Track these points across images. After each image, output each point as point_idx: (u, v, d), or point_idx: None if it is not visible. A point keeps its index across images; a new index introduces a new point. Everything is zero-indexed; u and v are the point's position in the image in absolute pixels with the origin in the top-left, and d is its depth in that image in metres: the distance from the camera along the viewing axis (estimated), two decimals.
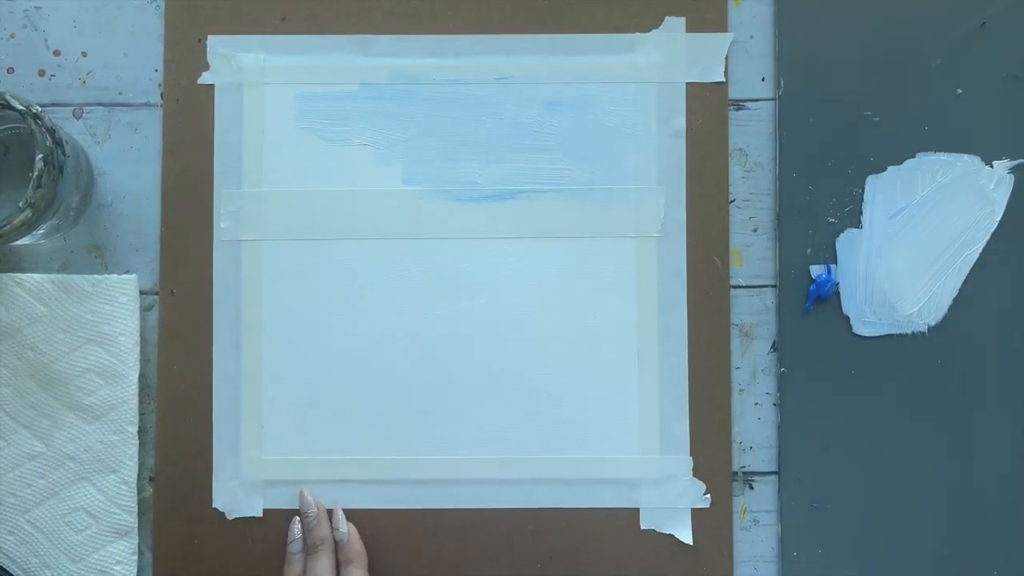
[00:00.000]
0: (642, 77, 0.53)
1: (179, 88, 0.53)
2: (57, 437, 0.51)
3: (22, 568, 0.51)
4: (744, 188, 0.53)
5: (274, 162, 0.52)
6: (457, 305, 0.52)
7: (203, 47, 0.53)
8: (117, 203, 0.53)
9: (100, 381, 0.51)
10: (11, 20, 0.53)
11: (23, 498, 0.51)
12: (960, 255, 0.53)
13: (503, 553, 0.52)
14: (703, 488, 0.52)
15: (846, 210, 0.53)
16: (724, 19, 0.53)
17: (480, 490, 0.52)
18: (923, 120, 0.53)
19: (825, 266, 0.52)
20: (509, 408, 0.52)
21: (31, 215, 0.46)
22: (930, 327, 0.52)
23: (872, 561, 0.52)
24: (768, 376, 0.53)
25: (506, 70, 0.53)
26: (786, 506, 0.52)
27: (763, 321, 0.53)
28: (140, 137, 0.53)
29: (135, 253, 0.53)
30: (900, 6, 0.53)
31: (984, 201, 0.53)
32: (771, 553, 0.53)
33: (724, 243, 0.53)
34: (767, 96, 0.54)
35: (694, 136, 0.53)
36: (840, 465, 0.52)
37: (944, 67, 0.53)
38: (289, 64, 0.53)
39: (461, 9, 0.53)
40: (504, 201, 0.52)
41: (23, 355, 0.51)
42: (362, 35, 0.53)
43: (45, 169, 0.46)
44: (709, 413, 0.52)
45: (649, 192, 0.53)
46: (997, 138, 0.53)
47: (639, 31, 0.53)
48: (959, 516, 0.52)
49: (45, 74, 0.53)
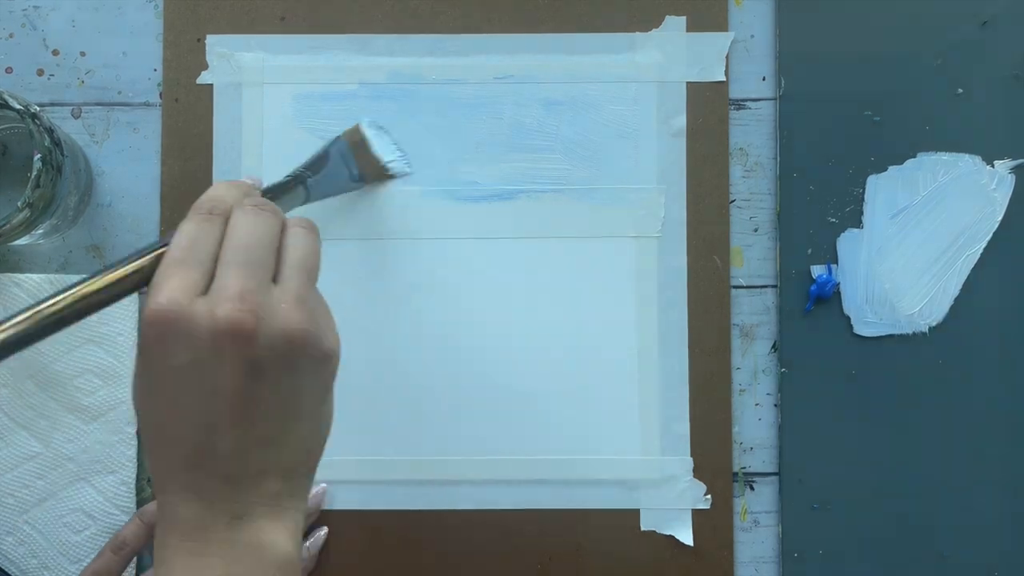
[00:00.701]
0: (642, 76, 0.53)
1: (178, 88, 0.53)
2: (55, 438, 0.51)
3: (21, 569, 0.51)
4: (744, 188, 0.53)
5: (273, 162, 0.52)
6: (456, 305, 0.52)
7: (202, 46, 0.53)
8: (116, 203, 0.53)
9: (99, 381, 0.51)
10: (10, 19, 0.53)
11: (21, 499, 0.51)
12: (961, 255, 0.52)
13: (503, 554, 0.52)
14: (703, 489, 0.52)
15: (847, 210, 0.53)
16: (725, 18, 0.53)
17: (479, 491, 0.52)
18: (924, 120, 0.53)
19: (826, 266, 0.52)
20: (508, 408, 0.52)
21: (29, 215, 0.46)
22: (931, 327, 0.52)
23: (873, 562, 0.52)
24: (769, 376, 0.53)
25: (506, 70, 0.53)
26: (787, 507, 0.52)
27: (764, 321, 0.53)
28: (139, 137, 0.53)
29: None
30: (901, 6, 0.53)
31: (985, 201, 0.53)
32: (772, 554, 0.52)
33: (724, 243, 0.53)
34: (768, 96, 0.53)
35: (694, 136, 0.53)
36: (841, 466, 0.52)
37: (945, 67, 0.53)
38: (288, 63, 0.53)
39: (461, 8, 0.53)
40: (504, 201, 0.52)
41: (21, 355, 0.51)
42: (361, 35, 0.53)
43: (43, 169, 0.46)
44: (709, 414, 0.52)
45: (649, 192, 0.53)
46: (998, 138, 0.53)
47: (639, 30, 0.53)
48: (961, 516, 0.52)
49: (44, 74, 0.53)
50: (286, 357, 0.34)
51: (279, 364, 0.34)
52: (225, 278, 0.34)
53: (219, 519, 0.34)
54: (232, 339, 0.33)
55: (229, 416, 0.34)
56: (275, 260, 0.36)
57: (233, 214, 0.36)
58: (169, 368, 0.34)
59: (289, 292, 0.35)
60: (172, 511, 0.35)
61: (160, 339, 0.33)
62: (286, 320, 0.34)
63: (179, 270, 0.34)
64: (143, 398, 0.35)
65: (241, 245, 0.35)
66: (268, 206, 0.37)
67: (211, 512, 0.34)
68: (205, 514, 0.34)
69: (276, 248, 0.36)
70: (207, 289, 0.34)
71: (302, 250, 0.37)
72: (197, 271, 0.34)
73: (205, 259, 0.35)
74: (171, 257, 0.35)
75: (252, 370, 0.34)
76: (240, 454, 0.35)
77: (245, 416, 0.34)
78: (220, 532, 0.34)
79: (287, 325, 0.34)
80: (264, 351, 0.34)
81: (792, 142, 0.53)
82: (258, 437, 0.35)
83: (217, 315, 0.33)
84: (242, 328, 0.33)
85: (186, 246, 0.35)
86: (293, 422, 0.36)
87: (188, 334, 0.33)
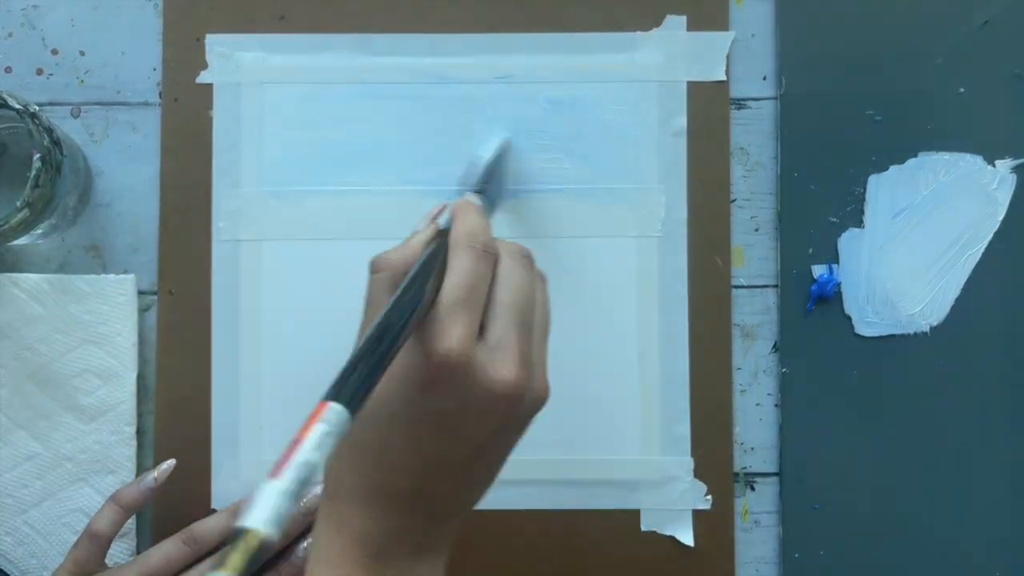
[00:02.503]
0: (643, 76, 0.53)
1: (177, 87, 0.53)
2: (55, 438, 0.51)
3: (20, 569, 0.51)
4: (745, 187, 0.53)
5: (273, 161, 0.52)
6: None
7: (201, 46, 0.53)
8: (115, 203, 0.53)
9: (98, 381, 0.51)
10: (9, 19, 0.53)
11: (20, 499, 0.51)
12: (962, 255, 0.52)
13: (503, 554, 0.52)
14: (704, 489, 0.52)
15: (848, 209, 0.52)
16: (725, 17, 0.53)
17: None
18: (925, 119, 0.53)
19: (827, 266, 0.52)
20: None
21: (28, 215, 0.46)
22: (932, 327, 0.52)
23: (874, 563, 0.52)
24: (769, 377, 0.53)
25: (506, 69, 0.53)
26: (788, 507, 0.52)
27: (764, 321, 0.53)
28: (138, 136, 0.53)
29: (133, 253, 0.52)
30: (902, 5, 0.53)
31: (986, 200, 0.52)
32: (772, 555, 0.52)
33: (725, 243, 0.53)
34: (768, 95, 0.53)
35: (695, 135, 0.53)
36: (842, 466, 0.52)
37: (946, 66, 0.53)
38: (288, 63, 0.53)
39: (460, 8, 0.53)
40: (504, 201, 0.52)
41: (20, 355, 0.51)
42: (361, 34, 0.53)
43: (43, 169, 0.46)
44: (710, 414, 0.52)
45: (650, 191, 0.52)
46: (999, 137, 0.53)
47: (640, 30, 0.53)
48: (961, 517, 0.52)
49: (43, 73, 0.53)
50: (527, 421, 0.36)
51: (524, 425, 0.36)
52: (507, 335, 0.34)
53: (405, 547, 0.36)
54: (505, 403, 0.34)
55: (464, 462, 0.35)
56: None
57: (503, 261, 0.36)
58: (433, 409, 0.34)
59: (543, 356, 0.37)
60: (359, 526, 0.35)
61: (440, 383, 0.33)
62: (542, 388, 0.36)
63: (464, 314, 0.33)
64: (382, 416, 0.35)
65: (518, 300, 0.35)
66: (529, 258, 0.37)
67: (401, 540, 0.36)
68: (394, 539, 0.35)
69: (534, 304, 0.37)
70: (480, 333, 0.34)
71: (545, 307, 0.38)
72: (477, 316, 0.34)
73: (481, 304, 0.35)
74: (457, 297, 0.34)
75: (502, 429, 0.35)
76: (452, 496, 0.36)
77: (474, 463, 0.36)
78: (402, 560, 0.36)
79: (542, 394, 0.36)
80: (522, 416, 0.35)
81: (793, 141, 0.53)
82: (469, 482, 0.37)
83: (500, 377, 0.33)
84: (517, 395, 0.34)
85: (468, 287, 0.34)
86: (497, 471, 0.38)
87: (466, 386, 0.33)
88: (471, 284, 0.34)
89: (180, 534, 0.48)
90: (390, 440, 0.35)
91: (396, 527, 0.35)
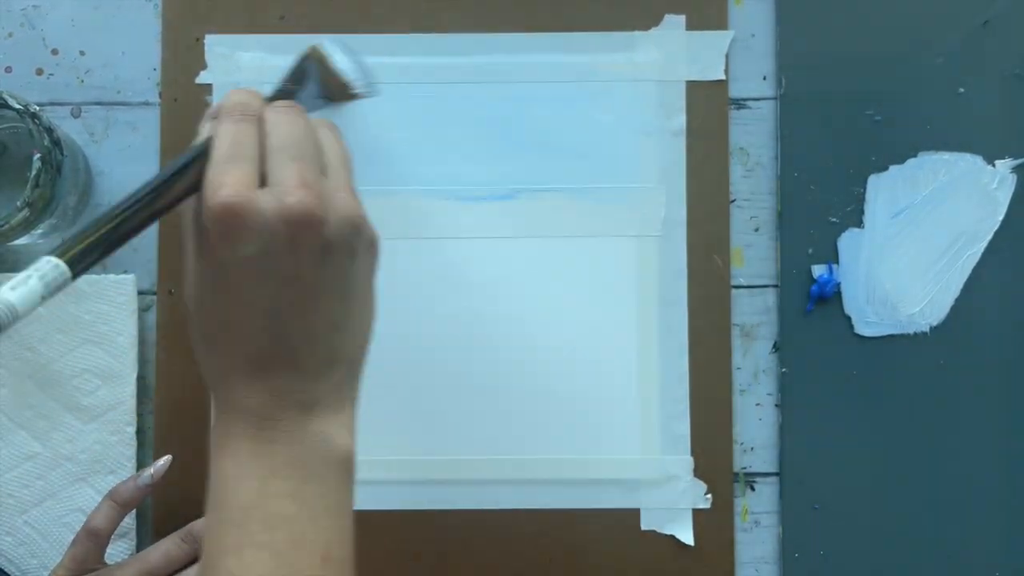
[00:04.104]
0: (642, 75, 0.53)
1: (177, 87, 0.53)
2: (55, 438, 0.51)
3: (20, 569, 0.51)
4: (745, 187, 0.53)
5: None
6: (457, 305, 0.52)
7: (201, 46, 0.53)
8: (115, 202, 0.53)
9: (98, 381, 0.51)
10: (9, 19, 0.53)
11: (21, 499, 0.51)
12: (962, 255, 0.52)
13: (503, 554, 0.52)
14: (704, 489, 0.52)
15: (848, 209, 0.52)
16: (725, 17, 0.53)
17: (479, 491, 0.52)
18: (925, 119, 0.53)
19: (827, 266, 0.52)
20: (509, 408, 0.52)
21: (29, 215, 0.46)
22: (932, 327, 0.52)
23: (874, 563, 0.52)
24: (769, 377, 0.53)
25: (506, 69, 0.53)
26: (787, 507, 0.52)
27: (764, 321, 0.53)
28: (138, 136, 0.53)
29: (133, 253, 0.52)
30: (902, 4, 0.53)
31: (986, 200, 0.52)
32: (772, 554, 0.52)
33: (725, 243, 0.53)
34: (768, 95, 0.53)
35: (694, 135, 0.53)
36: (842, 466, 0.52)
37: (946, 66, 0.53)
38: (287, 63, 0.52)
39: (460, 8, 0.53)
40: (504, 200, 0.52)
41: (20, 355, 0.51)
42: (361, 34, 0.53)
43: (43, 168, 0.46)
44: (710, 413, 0.52)
45: (649, 191, 0.52)
46: (999, 137, 0.53)
47: (639, 29, 0.53)
48: (962, 517, 0.52)
49: (43, 73, 0.53)
50: (349, 242, 0.36)
51: (343, 248, 0.35)
52: (284, 170, 0.35)
53: (287, 410, 0.36)
54: (305, 225, 0.34)
55: (301, 303, 0.35)
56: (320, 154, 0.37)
57: (268, 114, 0.37)
58: (238, 261, 0.34)
59: (341, 181, 0.36)
60: (237, 403, 0.36)
61: (229, 232, 0.33)
62: (346, 206, 0.36)
63: (233, 166, 0.34)
64: (206, 296, 0.36)
65: (289, 141, 0.36)
66: (296, 106, 0.38)
67: (280, 403, 0.35)
68: (273, 404, 0.35)
69: (318, 144, 0.37)
70: (262, 185, 0.35)
71: (338, 145, 0.38)
72: (250, 166, 0.35)
73: (253, 156, 0.35)
74: (220, 156, 0.34)
75: (323, 255, 0.35)
76: (310, 342, 0.36)
77: (316, 302, 0.35)
78: (288, 422, 0.35)
79: (348, 211, 0.35)
80: (332, 236, 0.35)
81: (793, 141, 0.53)
82: (326, 323, 0.36)
83: (287, 203, 0.34)
84: (314, 214, 0.34)
85: (231, 144, 0.35)
86: (354, 306, 0.37)
87: (258, 225, 0.33)
88: (234, 141, 0.35)
89: (179, 533, 0.48)
90: (224, 309, 0.35)
91: (268, 390, 0.35)
